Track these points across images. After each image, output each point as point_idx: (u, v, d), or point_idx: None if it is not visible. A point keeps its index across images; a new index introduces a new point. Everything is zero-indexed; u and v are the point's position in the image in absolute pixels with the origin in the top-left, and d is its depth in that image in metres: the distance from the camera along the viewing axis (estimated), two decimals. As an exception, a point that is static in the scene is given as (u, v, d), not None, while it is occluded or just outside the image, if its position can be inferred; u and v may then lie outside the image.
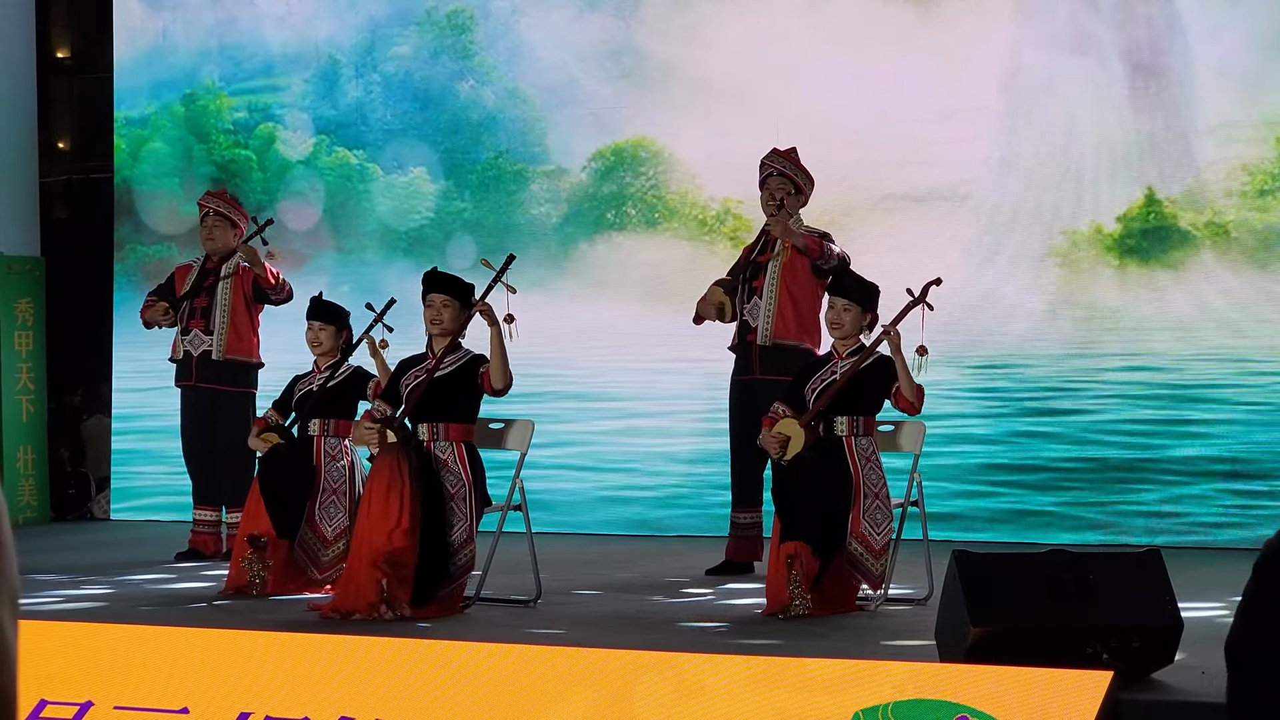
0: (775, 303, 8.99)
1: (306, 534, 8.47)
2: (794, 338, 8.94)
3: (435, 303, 7.88)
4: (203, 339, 10.05)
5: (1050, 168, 10.63)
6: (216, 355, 10.02)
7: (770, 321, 8.99)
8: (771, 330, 8.99)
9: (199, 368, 10.05)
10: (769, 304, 9.00)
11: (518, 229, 11.78)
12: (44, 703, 5.81)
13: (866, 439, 7.77)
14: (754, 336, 9.04)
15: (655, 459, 11.38)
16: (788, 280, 8.99)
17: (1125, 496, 10.34)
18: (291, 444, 8.58)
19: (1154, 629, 5.59)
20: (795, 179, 9.13)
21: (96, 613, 7.73)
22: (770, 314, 8.99)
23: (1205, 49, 10.32)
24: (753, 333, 9.05)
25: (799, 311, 8.95)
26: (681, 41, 11.53)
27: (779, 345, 8.95)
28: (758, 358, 9.04)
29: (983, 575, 5.65)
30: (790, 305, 8.97)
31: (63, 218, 13.60)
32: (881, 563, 7.64)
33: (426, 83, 12.18)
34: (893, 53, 11.04)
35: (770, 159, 9.22)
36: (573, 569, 9.20)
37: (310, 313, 8.86)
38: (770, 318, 8.99)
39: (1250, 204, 10.20)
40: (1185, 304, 10.31)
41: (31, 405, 12.87)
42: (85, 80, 13.58)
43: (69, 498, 13.26)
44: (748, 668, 5.29)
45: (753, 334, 9.05)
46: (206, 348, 10.04)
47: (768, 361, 8.95)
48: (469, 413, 7.88)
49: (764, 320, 9.01)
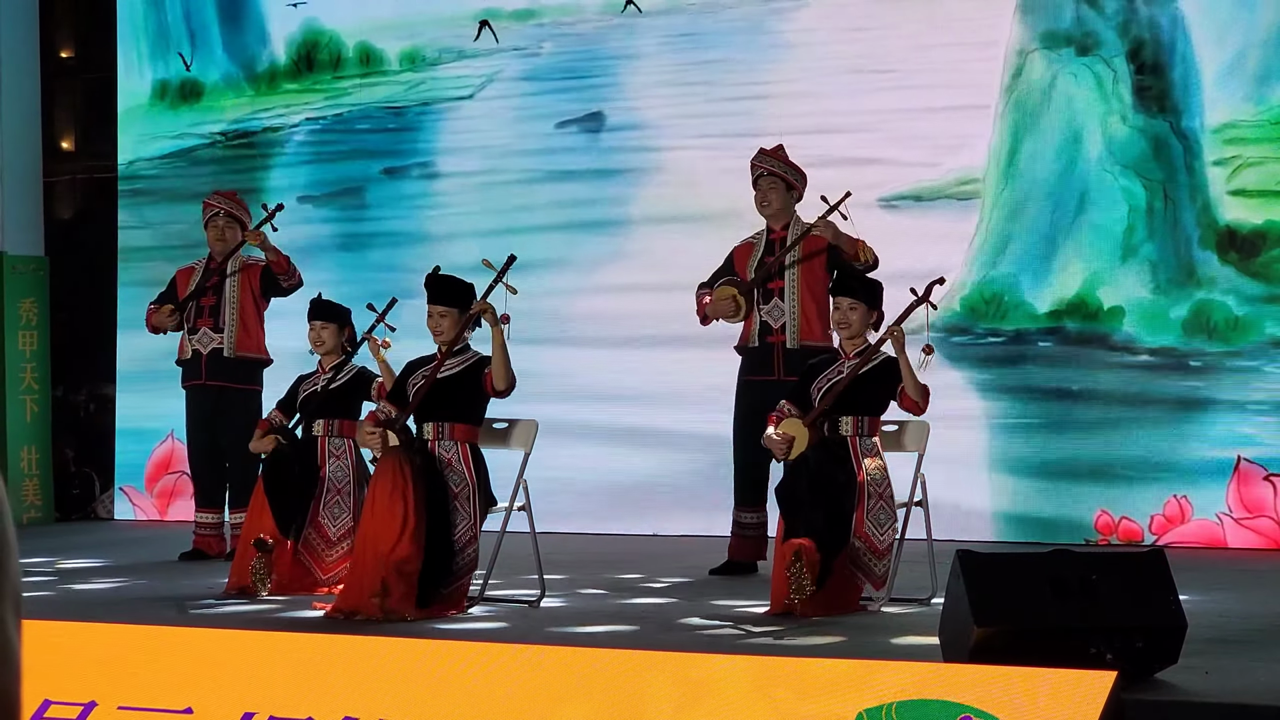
0: (799, 305, 8.99)
1: (311, 534, 8.47)
2: (819, 339, 8.93)
3: (434, 314, 7.91)
4: (212, 337, 10.04)
5: (1054, 167, 10.62)
6: (228, 353, 10.02)
7: (797, 324, 8.98)
8: (799, 333, 8.98)
9: (209, 366, 10.04)
10: (793, 306, 8.99)
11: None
12: (48, 703, 5.82)
13: (871, 439, 7.77)
14: (776, 339, 9.02)
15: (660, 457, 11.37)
16: (808, 282, 8.99)
17: (1132, 495, 10.33)
18: (295, 445, 8.59)
19: (1158, 629, 5.59)
20: (785, 176, 9.12)
21: (100, 613, 7.73)
22: (795, 316, 8.99)
23: (1210, 49, 10.31)
24: (773, 334, 9.03)
25: (821, 312, 8.94)
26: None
27: (806, 347, 8.93)
28: (780, 360, 9.01)
29: (986, 575, 5.64)
30: (814, 307, 8.97)
31: (67, 217, 13.60)
32: (885, 563, 7.64)
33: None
34: (897, 51, 11.03)
35: (759, 159, 9.22)
36: (576, 568, 9.20)
37: (311, 313, 8.87)
38: (796, 320, 8.98)
39: (1254, 204, 10.18)
40: (1192, 303, 10.29)
41: (36, 405, 12.88)
42: (89, 79, 13.58)
43: (73, 498, 13.27)
44: (751, 668, 5.29)
45: (774, 336, 9.03)
46: (217, 345, 10.03)
47: (792, 364, 8.90)
48: (474, 413, 7.89)
49: (790, 323, 8.99)
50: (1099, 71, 10.54)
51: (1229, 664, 5.97)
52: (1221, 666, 5.87)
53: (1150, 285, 10.38)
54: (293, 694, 5.67)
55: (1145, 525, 10.29)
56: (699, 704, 5.19)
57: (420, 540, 7.46)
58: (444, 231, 12.12)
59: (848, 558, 7.57)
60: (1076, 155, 10.58)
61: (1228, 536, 10.11)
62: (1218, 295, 10.23)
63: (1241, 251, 10.20)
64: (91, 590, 8.76)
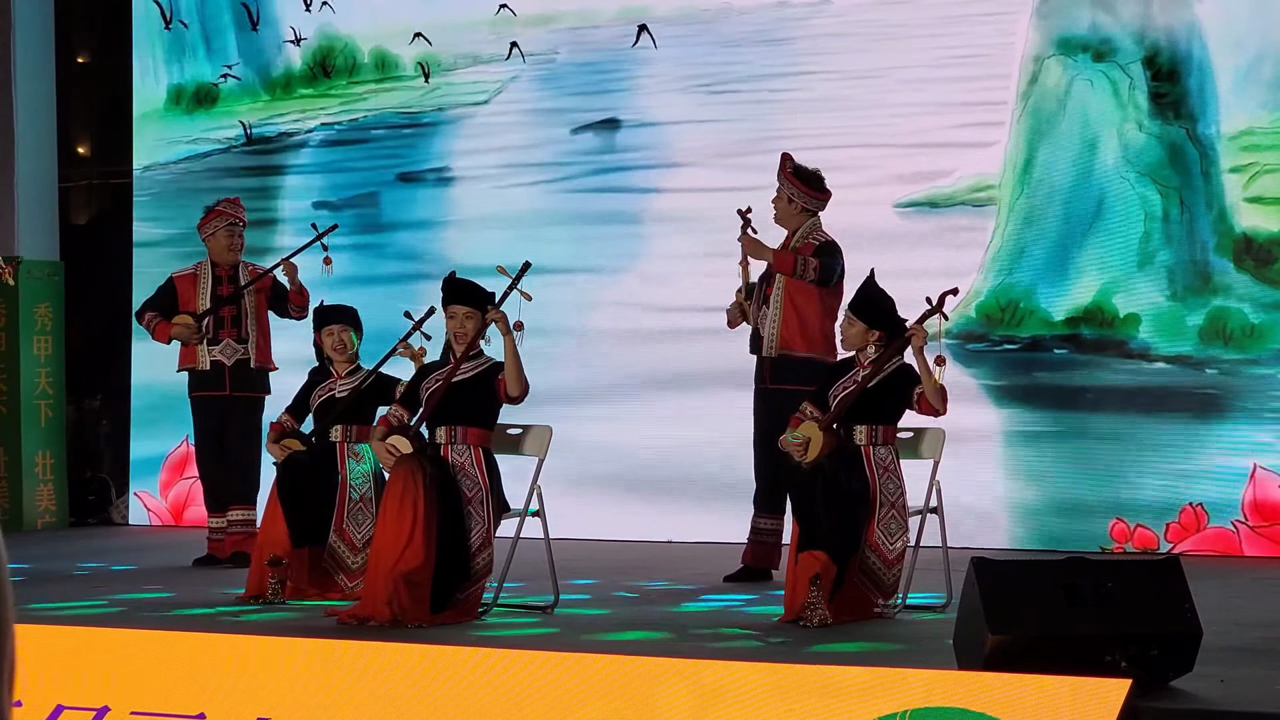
0: (780, 314, 9.00)
1: (335, 541, 8.45)
2: (800, 349, 8.92)
3: (458, 314, 7.87)
4: (236, 348, 10.02)
5: (1069, 174, 10.61)
6: (254, 363, 10.03)
7: (776, 332, 8.99)
8: (777, 342, 8.99)
9: (233, 377, 10.02)
10: (775, 315, 9.01)
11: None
12: (61, 708, 5.82)
13: (885, 448, 7.75)
14: (762, 347, 9.05)
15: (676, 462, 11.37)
16: (791, 291, 8.98)
17: (1147, 503, 10.30)
18: (311, 450, 8.57)
19: (1173, 637, 5.57)
20: (782, 188, 9.09)
21: (114, 618, 7.73)
22: (776, 325, 9.00)
23: (1227, 56, 10.29)
24: (762, 342, 9.06)
25: (803, 322, 8.94)
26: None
27: (785, 356, 8.96)
28: (768, 368, 9.05)
29: (1001, 583, 5.63)
30: (795, 316, 8.96)
31: (82, 222, 13.62)
32: (894, 572, 7.63)
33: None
34: (912, 57, 11.03)
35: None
36: (591, 574, 9.19)
37: (328, 317, 8.82)
38: (776, 329, 9.00)
39: (1270, 211, 10.16)
40: (1208, 310, 10.27)
41: (50, 410, 12.89)
42: (104, 85, 13.61)
43: (88, 503, 13.28)
44: (767, 675, 5.28)
45: (761, 344, 9.06)
46: (242, 356, 10.02)
47: (775, 372, 8.96)
48: (487, 418, 7.88)
49: (770, 331, 9.01)
50: (1115, 78, 10.53)
51: (1245, 673, 5.95)
52: (1237, 675, 5.86)
53: (1166, 292, 10.36)
54: (305, 699, 5.67)
55: (1160, 533, 10.27)
56: (714, 711, 5.18)
57: (431, 548, 7.44)
58: (459, 237, 12.12)
59: (858, 568, 7.56)
60: (1092, 162, 10.56)
61: (1243, 544, 10.08)
62: (1234, 302, 10.21)
63: (1258, 259, 10.18)
64: (105, 595, 8.75)
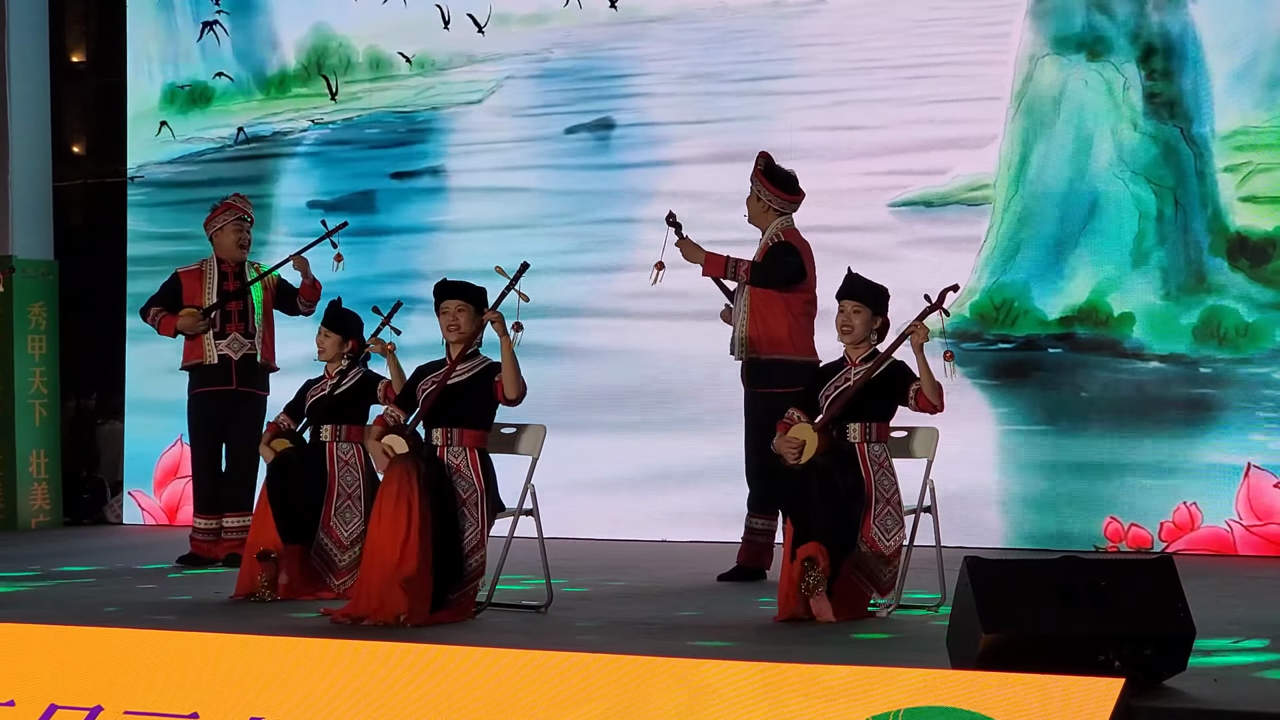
0: (746, 318, 9.01)
1: (323, 539, 8.46)
2: (764, 351, 8.94)
3: (450, 309, 7.84)
4: (243, 342, 10.03)
5: (1064, 173, 10.61)
6: (261, 358, 10.03)
7: (744, 335, 9.00)
8: (745, 346, 9.00)
9: (239, 371, 10.01)
10: (741, 319, 9.03)
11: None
12: (54, 707, 5.82)
13: (879, 445, 7.75)
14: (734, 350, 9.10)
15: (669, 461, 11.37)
16: (753, 295, 8.99)
17: (1141, 502, 10.31)
18: (302, 449, 8.58)
19: (1166, 636, 5.57)
20: (753, 187, 9.09)
21: (107, 617, 7.73)
22: (743, 328, 9.01)
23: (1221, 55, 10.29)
24: (733, 344, 9.10)
25: (766, 326, 8.95)
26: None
27: (752, 360, 8.98)
28: (745, 371, 9.07)
29: (994, 582, 5.62)
30: (757, 320, 8.97)
31: (77, 222, 13.61)
32: (891, 569, 7.62)
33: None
34: (907, 56, 11.03)
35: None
36: (584, 574, 9.19)
37: (323, 318, 8.86)
38: (743, 331, 9.01)
39: (1264, 210, 10.17)
40: (1202, 310, 10.27)
41: (45, 409, 12.89)
42: (99, 84, 13.61)
43: (82, 502, 13.28)
44: (759, 674, 5.28)
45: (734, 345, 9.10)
46: (249, 351, 10.02)
47: (759, 375, 9.01)
48: (483, 419, 7.87)
49: (738, 334, 9.03)
50: (1110, 77, 10.53)
51: (1237, 671, 5.95)
52: (1230, 674, 5.86)
53: (1160, 292, 10.36)
54: (299, 698, 5.66)
55: (1155, 532, 10.28)
56: (705, 710, 5.18)
57: (426, 549, 7.44)
58: (453, 237, 12.12)
59: (854, 564, 7.55)
60: (1087, 161, 10.57)
61: (1237, 543, 10.09)
62: (1228, 302, 10.22)
63: (1252, 258, 10.18)
64: (99, 594, 8.75)
